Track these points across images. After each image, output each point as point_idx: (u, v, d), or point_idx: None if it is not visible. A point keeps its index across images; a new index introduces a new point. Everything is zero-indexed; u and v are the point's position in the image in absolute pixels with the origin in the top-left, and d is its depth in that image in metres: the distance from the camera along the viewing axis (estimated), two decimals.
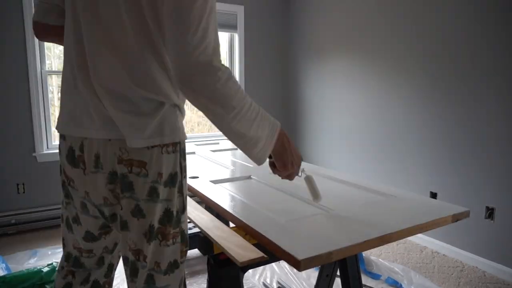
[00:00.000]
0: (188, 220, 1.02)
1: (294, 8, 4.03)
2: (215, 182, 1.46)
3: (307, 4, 3.81)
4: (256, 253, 0.86)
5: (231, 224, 1.08)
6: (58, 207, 3.11)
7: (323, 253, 0.81)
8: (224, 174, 1.60)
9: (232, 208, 1.12)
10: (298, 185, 1.41)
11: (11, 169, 2.98)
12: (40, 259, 2.45)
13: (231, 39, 3.95)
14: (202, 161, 1.98)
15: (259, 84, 4.09)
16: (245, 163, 1.85)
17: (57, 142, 3.20)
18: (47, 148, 3.14)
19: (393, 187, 1.39)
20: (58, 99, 3.25)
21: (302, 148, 4.04)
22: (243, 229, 1.01)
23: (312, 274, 2.25)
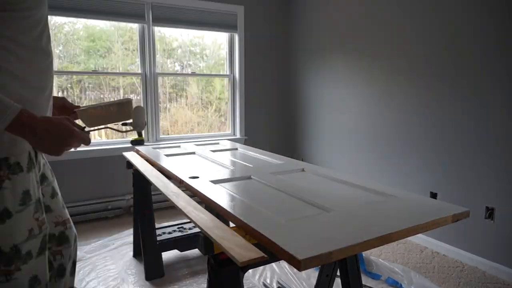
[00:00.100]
0: (187, 221, 1.02)
1: (294, 8, 4.03)
2: (215, 182, 1.46)
3: (307, 4, 3.81)
4: (256, 253, 0.86)
5: (231, 224, 1.09)
6: None
7: (323, 253, 0.81)
8: (224, 174, 1.60)
9: (232, 208, 1.12)
10: (298, 185, 1.41)
11: None
12: None
13: (231, 39, 3.95)
14: (202, 161, 1.98)
15: (259, 84, 4.09)
16: (245, 163, 1.85)
17: None
18: None
19: (393, 187, 1.39)
20: None
21: (302, 148, 4.04)
22: (243, 229, 1.01)
23: (312, 274, 2.25)
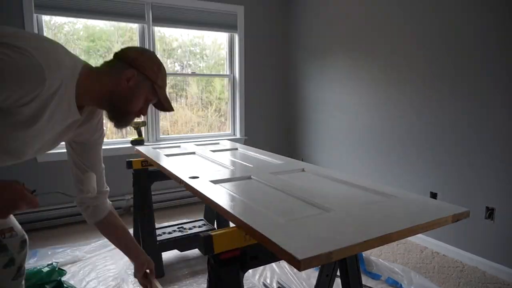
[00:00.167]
0: (187, 221, 1.01)
1: (294, 8, 4.03)
2: (215, 182, 1.46)
3: (307, 4, 3.81)
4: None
5: (231, 224, 1.08)
6: (58, 207, 3.11)
7: (323, 253, 0.81)
8: (224, 174, 1.60)
9: (232, 208, 1.12)
10: (298, 185, 1.41)
11: (11, 169, 2.98)
12: (40, 259, 2.45)
13: (231, 39, 3.95)
14: (202, 161, 1.98)
15: (259, 84, 4.09)
16: (245, 163, 1.85)
17: None
18: None
19: (393, 187, 1.39)
20: None
21: (302, 148, 4.04)
22: (243, 229, 1.01)
23: (312, 274, 2.25)
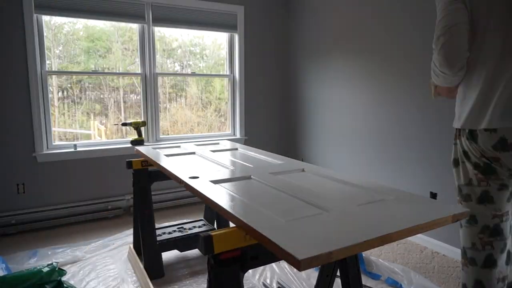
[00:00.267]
0: (187, 221, 1.01)
1: (294, 8, 4.03)
2: (215, 182, 1.46)
3: (306, 4, 3.81)
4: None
5: (231, 224, 1.09)
6: (58, 207, 3.12)
7: (323, 253, 0.81)
8: (224, 174, 1.60)
9: (232, 208, 1.12)
10: (298, 185, 1.41)
11: (11, 169, 2.99)
12: (40, 259, 2.45)
13: (231, 39, 3.95)
14: (202, 161, 1.98)
15: (259, 84, 4.09)
16: (245, 163, 1.85)
17: (57, 143, 3.20)
18: (47, 148, 3.14)
19: (393, 187, 1.39)
20: (59, 99, 3.25)
21: (302, 148, 4.04)
22: (243, 229, 1.01)
23: (312, 274, 2.25)
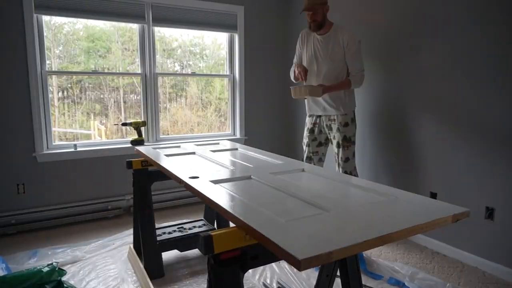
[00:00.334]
0: (187, 221, 1.01)
1: (294, 8, 4.03)
2: (215, 182, 1.46)
3: None
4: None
5: (231, 224, 1.09)
6: (58, 207, 3.12)
7: (323, 253, 0.81)
8: (224, 174, 1.60)
9: (232, 208, 1.12)
10: (298, 185, 1.41)
11: (11, 169, 2.99)
12: (40, 259, 2.45)
13: (231, 39, 3.95)
14: (202, 161, 1.98)
15: (259, 84, 4.09)
16: (245, 163, 1.85)
17: (57, 143, 3.20)
18: (47, 148, 3.14)
19: (393, 187, 1.39)
20: (59, 99, 3.25)
21: (302, 148, 4.04)
22: (243, 229, 1.01)
23: (312, 274, 2.25)
